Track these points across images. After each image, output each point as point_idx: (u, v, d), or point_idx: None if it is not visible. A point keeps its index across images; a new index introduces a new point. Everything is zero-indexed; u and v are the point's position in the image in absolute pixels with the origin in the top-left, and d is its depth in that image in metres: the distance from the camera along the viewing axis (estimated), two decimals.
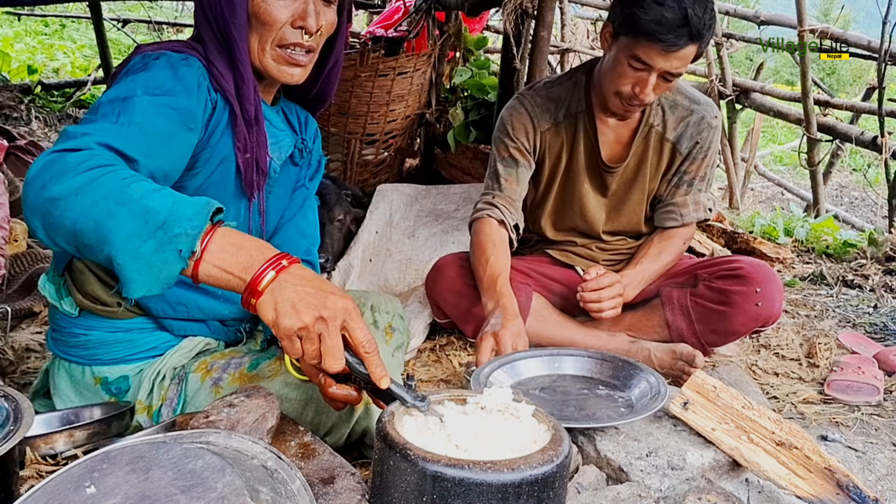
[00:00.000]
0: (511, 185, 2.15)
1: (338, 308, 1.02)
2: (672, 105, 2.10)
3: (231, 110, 1.32)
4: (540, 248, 2.33)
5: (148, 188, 1.01)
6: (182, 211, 0.99)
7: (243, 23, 1.29)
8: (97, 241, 0.99)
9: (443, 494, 0.94)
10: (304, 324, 1.00)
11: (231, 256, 1.01)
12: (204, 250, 0.99)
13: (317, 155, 1.66)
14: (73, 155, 1.02)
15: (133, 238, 0.97)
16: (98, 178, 0.99)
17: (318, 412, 1.38)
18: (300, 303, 1.00)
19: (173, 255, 0.98)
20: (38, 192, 1.00)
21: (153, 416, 1.44)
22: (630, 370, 1.67)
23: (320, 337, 1.02)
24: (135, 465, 0.88)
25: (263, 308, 1.00)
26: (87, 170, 1.00)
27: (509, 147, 2.15)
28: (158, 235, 0.97)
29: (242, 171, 1.37)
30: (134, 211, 0.98)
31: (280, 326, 1.00)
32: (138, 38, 7.67)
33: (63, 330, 1.45)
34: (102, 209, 0.98)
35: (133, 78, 1.21)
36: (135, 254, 0.97)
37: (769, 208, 5.50)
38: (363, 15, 6.31)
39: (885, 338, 2.44)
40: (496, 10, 4.10)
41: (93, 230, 0.98)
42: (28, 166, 3.09)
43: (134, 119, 1.14)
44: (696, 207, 2.15)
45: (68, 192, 0.99)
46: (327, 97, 1.59)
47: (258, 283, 1.00)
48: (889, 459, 1.65)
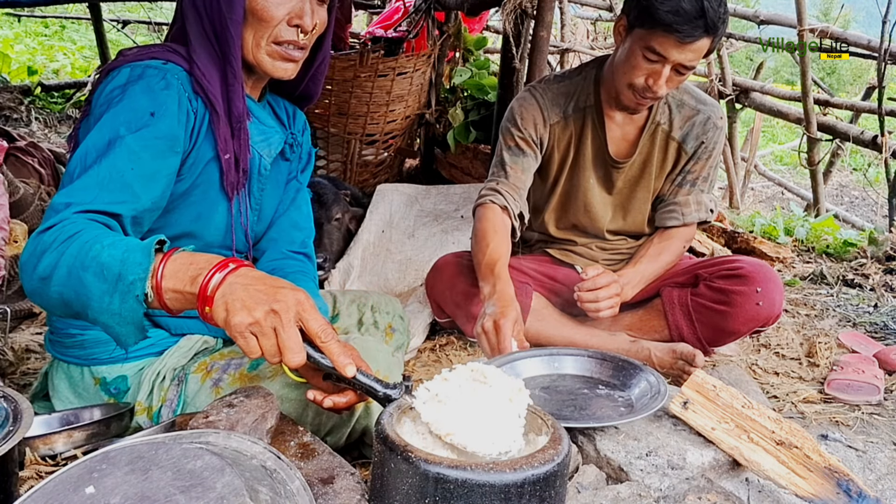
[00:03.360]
0: (516, 174, 2.13)
1: (289, 300, 1.01)
2: (679, 104, 2.11)
3: (213, 111, 1.32)
4: (541, 247, 2.33)
5: (105, 243, 1.04)
6: (132, 258, 1.02)
7: (240, 19, 1.30)
8: (82, 307, 1.05)
9: (445, 496, 0.94)
10: (255, 319, 0.99)
11: (181, 275, 1.02)
12: (159, 285, 1.02)
13: (307, 147, 1.66)
14: (49, 232, 1.07)
15: (103, 297, 1.02)
16: (66, 250, 1.04)
17: (319, 413, 1.38)
18: (250, 299, 0.99)
19: (134, 302, 1.02)
20: (30, 276, 1.07)
21: (153, 416, 1.44)
22: (630, 370, 1.67)
23: (275, 331, 1.00)
24: (134, 466, 0.88)
25: (216, 311, 1.00)
26: (60, 244, 1.05)
27: (516, 136, 2.14)
28: (119, 287, 1.01)
29: (224, 172, 1.37)
30: (95, 272, 1.02)
31: (232, 324, 0.99)
32: (138, 39, 7.67)
33: (60, 331, 1.45)
34: (75, 278, 1.03)
35: (114, 113, 1.22)
36: (108, 310, 1.03)
37: (769, 208, 5.49)
38: (363, 15, 6.31)
39: (886, 337, 2.43)
40: (496, 11, 4.09)
41: (75, 298, 1.04)
42: (28, 167, 3.10)
43: (116, 166, 1.17)
44: (698, 208, 2.15)
45: (50, 270, 1.05)
46: (313, 95, 1.59)
47: (207, 289, 1.00)
48: (889, 459, 1.65)
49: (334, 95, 3.44)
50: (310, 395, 1.24)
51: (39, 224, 1.10)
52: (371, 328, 1.75)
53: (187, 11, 1.33)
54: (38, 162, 3.19)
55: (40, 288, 1.07)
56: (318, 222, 2.10)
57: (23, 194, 2.74)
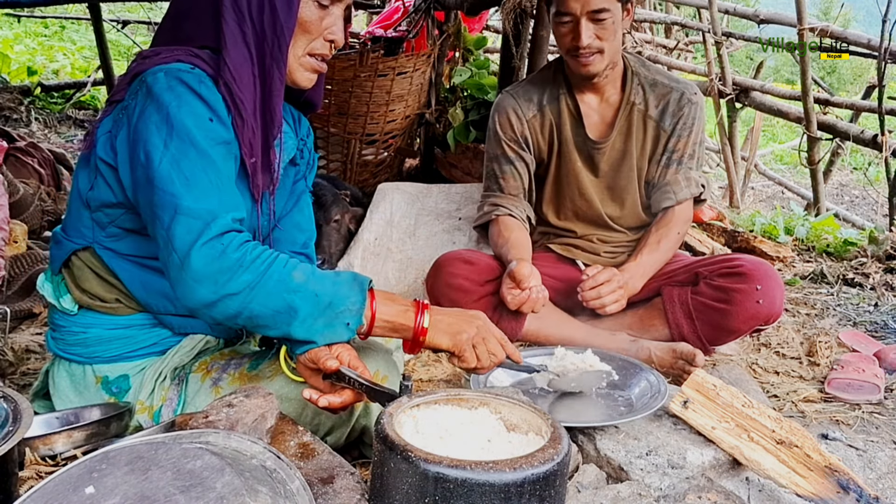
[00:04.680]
0: (510, 182, 2.24)
1: (482, 319, 1.37)
2: (652, 84, 2.20)
3: (237, 116, 1.31)
4: (542, 242, 2.35)
5: (307, 273, 1.24)
6: (342, 291, 1.25)
7: (294, 28, 1.33)
8: (274, 323, 1.23)
9: (445, 496, 0.93)
10: (473, 334, 1.33)
11: (391, 310, 1.30)
12: (374, 315, 1.28)
13: (312, 151, 1.68)
14: (232, 249, 1.19)
15: (308, 318, 1.22)
16: (265, 272, 1.20)
17: (318, 412, 1.38)
18: (460, 322, 1.34)
19: (342, 327, 1.25)
20: (214, 290, 1.18)
21: (154, 416, 1.44)
22: (630, 369, 1.67)
23: (484, 340, 1.34)
24: (134, 466, 0.88)
25: (436, 339, 1.32)
26: (251, 263, 1.20)
27: (501, 143, 2.25)
28: (328, 313, 1.23)
29: (250, 175, 1.36)
30: (305, 297, 1.22)
31: (461, 341, 1.33)
32: (138, 40, 7.66)
33: (62, 329, 1.45)
34: (278, 299, 1.21)
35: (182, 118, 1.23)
36: (310, 329, 1.23)
37: (770, 207, 5.49)
38: (363, 15, 6.31)
39: (886, 336, 2.43)
40: (495, 10, 4.09)
41: (271, 316, 1.22)
42: (28, 168, 3.10)
43: (220, 172, 1.26)
44: (688, 184, 2.20)
45: (244, 288, 1.19)
46: (317, 103, 1.61)
47: (422, 321, 1.31)
48: (890, 458, 1.65)
49: (334, 95, 3.44)
50: (305, 395, 1.28)
51: (39, 224, 1.11)
52: None
53: (227, 14, 1.29)
54: (38, 162, 3.19)
55: (226, 302, 1.19)
56: (317, 224, 2.10)
57: (22, 194, 2.74)
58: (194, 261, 1.17)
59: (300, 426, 1.27)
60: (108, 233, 1.37)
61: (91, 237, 1.38)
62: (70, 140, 4.75)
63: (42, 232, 2.79)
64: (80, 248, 1.40)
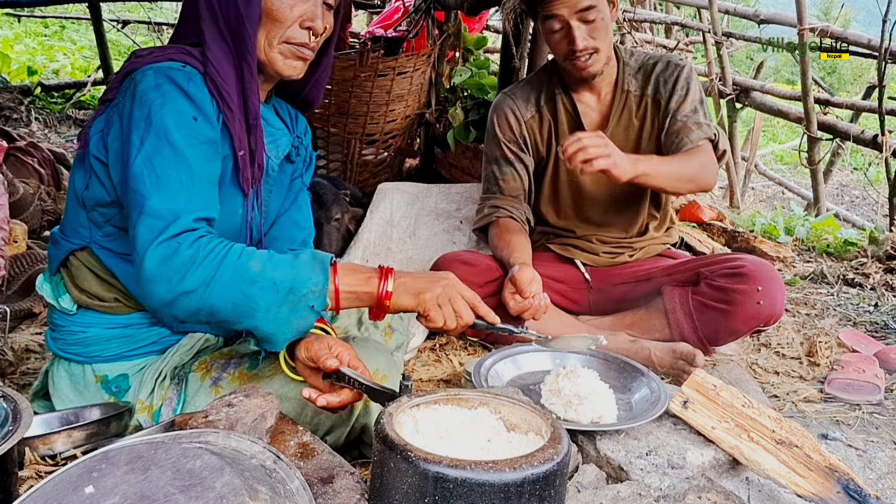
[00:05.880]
0: (510, 184, 2.23)
1: (451, 279, 1.34)
2: (637, 68, 2.22)
3: (227, 109, 1.33)
4: (541, 242, 2.35)
5: (262, 261, 1.21)
6: (302, 274, 1.22)
7: (257, 18, 1.33)
8: (236, 317, 1.20)
9: (445, 495, 0.93)
10: (438, 293, 1.30)
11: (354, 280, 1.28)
12: (337, 289, 1.25)
13: (309, 149, 1.69)
14: (185, 247, 1.17)
15: (270, 308, 1.19)
16: (220, 265, 1.18)
17: (317, 412, 1.38)
18: (426, 282, 1.32)
19: (307, 311, 1.22)
20: (168, 289, 1.17)
21: (154, 415, 1.44)
22: (632, 373, 1.67)
23: (451, 300, 1.32)
24: (133, 465, 0.88)
25: (401, 300, 1.30)
26: (204, 258, 1.18)
27: (500, 144, 2.25)
28: (290, 299, 1.20)
29: (240, 168, 1.38)
30: (264, 287, 1.19)
31: (425, 301, 1.30)
32: (138, 40, 7.67)
33: (61, 328, 1.45)
34: (236, 291, 1.18)
35: (162, 116, 1.24)
36: (275, 319, 1.20)
37: (770, 207, 5.49)
38: (363, 15, 6.31)
39: (886, 336, 2.43)
40: (495, 10, 4.09)
41: (231, 310, 1.19)
42: (28, 167, 3.10)
43: (193, 172, 1.25)
44: (699, 127, 2.12)
45: (199, 284, 1.17)
46: (315, 101, 1.62)
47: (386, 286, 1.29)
48: (890, 458, 1.65)
49: (334, 95, 3.44)
50: (305, 393, 1.28)
51: (39, 224, 1.12)
52: (370, 327, 1.75)
53: (203, 11, 1.34)
54: (38, 162, 3.19)
55: (183, 300, 1.17)
56: (318, 223, 2.10)
57: (22, 194, 2.74)
58: (147, 261, 1.17)
59: (300, 426, 1.27)
60: (104, 232, 1.38)
61: (88, 237, 1.39)
62: (70, 140, 4.74)
63: (42, 232, 2.79)
64: (78, 248, 1.40)
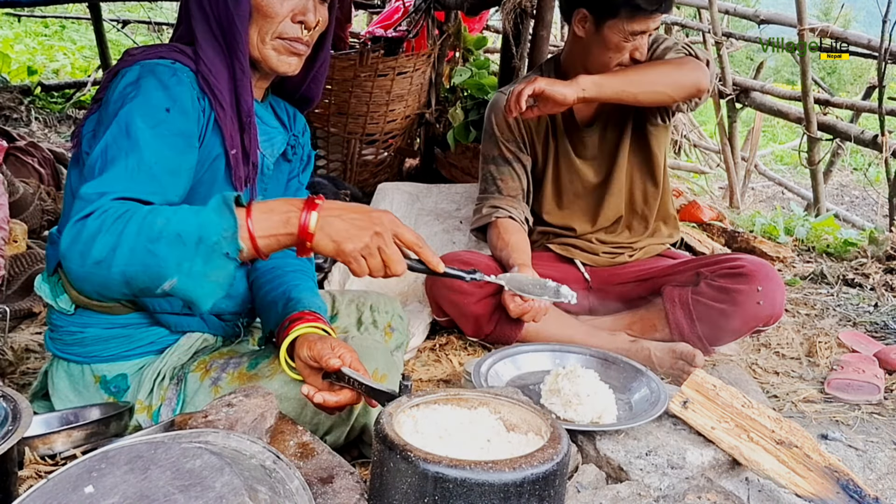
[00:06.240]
0: (508, 183, 2.23)
1: (385, 221, 1.17)
2: None
3: (219, 107, 1.34)
4: (541, 242, 2.35)
5: (167, 215, 1.10)
6: (209, 221, 1.10)
7: (246, 14, 1.32)
8: (151, 280, 1.09)
9: (444, 495, 0.93)
10: (365, 243, 1.14)
11: (270, 222, 1.13)
12: (252, 235, 1.11)
13: (307, 149, 1.68)
14: (91, 219, 1.10)
15: (182, 263, 1.08)
16: (124, 228, 1.08)
17: (317, 411, 1.38)
18: (352, 227, 1.14)
19: (222, 259, 1.10)
20: (80, 262, 1.09)
21: (153, 415, 1.44)
22: (632, 373, 1.67)
23: (380, 250, 1.15)
24: (133, 465, 0.88)
25: (321, 244, 1.14)
26: (111, 224, 1.08)
27: (498, 143, 2.24)
28: (201, 250, 1.09)
29: (233, 167, 1.38)
30: (170, 241, 1.08)
31: (345, 252, 1.14)
32: (138, 39, 7.66)
33: (60, 329, 1.44)
34: (143, 252, 1.08)
35: (130, 108, 1.23)
36: (189, 274, 1.09)
37: (770, 207, 5.49)
38: (363, 15, 6.31)
39: (886, 336, 2.43)
40: (496, 10, 4.09)
41: (143, 272, 1.09)
42: (27, 167, 3.10)
43: (143, 159, 1.19)
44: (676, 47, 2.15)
45: (106, 252, 1.08)
46: (314, 97, 1.61)
47: (306, 227, 1.12)
48: (889, 458, 1.65)
49: (334, 95, 3.44)
50: (304, 391, 1.28)
51: (39, 224, 1.11)
52: (370, 327, 1.75)
53: (193, 10, 1.35)
54: (38, 162, 3.19)
55: (95, 272, 1.09)
56: None
57: (22, 194, 2.74)
58: (63, 239, 1.11)
59: (299, 426, 1.27)
60: None
61: None
62: (70, 140, 4.75)
63: (42, 231, 2.79)
64: None
